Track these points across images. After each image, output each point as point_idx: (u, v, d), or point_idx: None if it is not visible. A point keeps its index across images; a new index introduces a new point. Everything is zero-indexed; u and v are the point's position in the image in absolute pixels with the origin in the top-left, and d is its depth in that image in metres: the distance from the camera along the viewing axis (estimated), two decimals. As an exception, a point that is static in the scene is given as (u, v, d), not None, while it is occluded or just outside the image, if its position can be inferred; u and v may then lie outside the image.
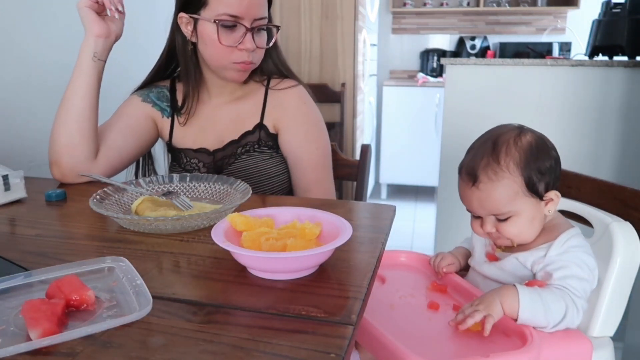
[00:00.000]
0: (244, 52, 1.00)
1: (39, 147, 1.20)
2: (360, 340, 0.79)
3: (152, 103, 1.12)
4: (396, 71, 4.30)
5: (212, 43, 1.00)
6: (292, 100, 1.11)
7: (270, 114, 1.11)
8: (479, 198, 0.84)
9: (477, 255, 0.94)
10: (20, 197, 0.92)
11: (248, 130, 1.10)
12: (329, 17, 2.64)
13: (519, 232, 0.84)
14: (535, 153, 0.83)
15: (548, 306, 0.76)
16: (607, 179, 1.01)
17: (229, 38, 0.99)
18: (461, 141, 2.16)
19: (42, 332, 0.46)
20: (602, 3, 2.20)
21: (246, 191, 0.83)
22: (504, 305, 0.76)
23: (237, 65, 1.02)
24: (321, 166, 1.11)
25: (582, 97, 2.04)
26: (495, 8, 3.91)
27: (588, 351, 0.79)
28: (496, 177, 0.82)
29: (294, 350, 0.45)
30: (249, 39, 0.99)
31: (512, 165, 0.82)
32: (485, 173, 0.82)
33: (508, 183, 0.82)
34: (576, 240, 0.83)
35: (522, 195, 0.82)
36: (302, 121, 1.11)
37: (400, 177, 3.88)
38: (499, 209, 0.83)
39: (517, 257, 0.86)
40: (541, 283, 0.80)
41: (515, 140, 0.83)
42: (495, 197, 0.82)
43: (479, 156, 0.84)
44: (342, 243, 0.59)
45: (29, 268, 0.60)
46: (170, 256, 0.67)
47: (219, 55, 1.01)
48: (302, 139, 1.10)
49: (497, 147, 0.83)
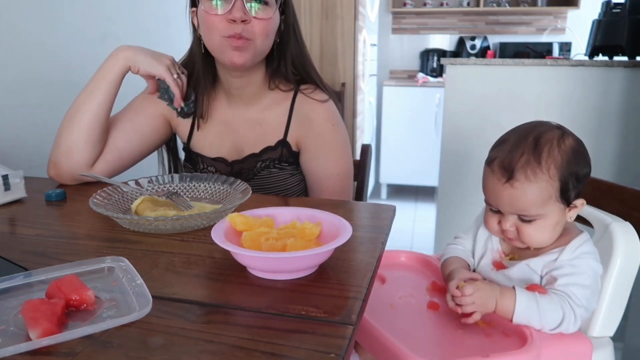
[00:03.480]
0: (235, 24, 0.92)
1: (39, 147, 1.20)
2: (360, 340, 0.79)
3: (169, 101, 1.07)
4: (396, 71, 4.30)
5: (204, 21, 0.95)
6: (319, 119, 1.05)
7: (294, 129, 1.06)
8: (511, 196, 0.79)
9: (482, 263, 0.91)
10: (20, 197, 0.92)
11: (270, 145, 1.06)
12: (329, 17, 2.64)
13: (541, 236, 0.81)
14: (577, 158, 0.80)
15: (544, 315, 0.76)
16: (607, 179, 1.01)
17: (219, 8, 0.93)
18: (461, 141, 2.18)
19: (42, 332, 0.46)
20: (602, 3, 2.20)
21: (246, 191, 0.83)
22: (497, 306, 0.76)
23: (228, 40, 0.93)
24: (339, 190, 1.06)
25: (582, 97, 2.04)
26: (495, 8, 3.91)
27: (588, 351, 0.79)
28: (535, 178, 0.77)
29: (294, 350, 0.45)
30: (238, 6, 0.91)
31: (553, 169, 0.77)
32: (524, 171, 0.77)
33: (545, 186, 0.77)
34: (587, 247, 0.81)
35: (555, 200, 0.79)
36: (327, 144, 1.05)
37: (400, 177, 3.88)
38: (528, 210, 0.79)
39: (529, 264, 0.83)
40: (542, 289, 0.79)
41: (559, 142, 0.79)
42: (529, 198, 0.78)
43: (517, 152, 0.78)
44: (342, 243, 0.59)
45: (29, 268, 0.60)
46: (170, 256, 0.67)
47: (212, 33, 0.95)
48: (323, 163, 1.05)
49: (540, 146, 0.78)
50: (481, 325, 0.79)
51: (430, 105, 3.70)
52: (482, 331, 0.78)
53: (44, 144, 1.03)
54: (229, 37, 0.93)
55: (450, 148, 2.19)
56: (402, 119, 3.78)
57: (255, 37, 0.95)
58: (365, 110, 3.22)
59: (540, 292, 0.79)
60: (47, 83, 1.45)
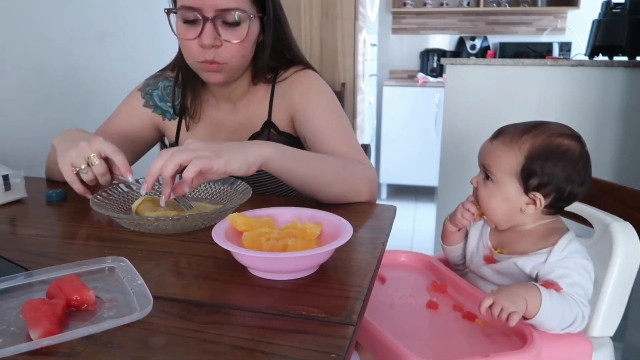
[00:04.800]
0: (207, 50, 0.88)
1: (39, 147, 1.20)
2: (361, 340, 0.79)
3: (154, 107, 1.07)
4: (396, 71, 4.30)
5: (179, 40, 0.91)
6: (299, 83, 1.01)
7: (278, 106, 1.02)
8: (486, 149, 0.89)
9: (474, 258, 0.94)
10: (21, 197, 0.92)
11: (256, 131, 1.04)
12: (329, 17, 2.64)
13: (489, 201, 0.88)
14: (557, 155, 0.82)
15: (564, 312, 0.77)
16: (607, 179, 1.01)
17: (190, 32, 0.88)
18: (461, 141, 2.18)
19: (42, 332, 0.46)
20: (602, 3, 2.20)
21: (246, 191, 0.83)
22: (527, 304, 0.75)
23: (202, 65, 0.91)
24: (347, 134, 0.98)
25: (582, 97, 2.04)
26: (495, 8, 3.91)
27: (588, 351, 0.79)
28: (508, 144, 0.85)
29: (295, 351, 0.45)
30: (207, 32, 0.86)
31: (526, 147, 0.83)
32: (505, 136, 0.87)
33: (511, 156, 0.84)
34: (574, 246, 0.83)
35: (513, 174, 0.84)
36: (315, 97, 1.00)
37: (400, 177, 3.88)
38: (490, 166, 0.87)
39: (516, 262, 0.85)
40: (557, 287, 0.79)
41: (553, 135, 0.84)
42: (494, 156, 0.87)
43: (520, 125, 0.88)
44: (343, 243, 0.59)
45: (30, 268, 0.60)
46: (170, 256, 0.67)
47: (185, 53, 0.92)
48: (319, 110, 0.99)
49: (534, 129, 0.85)
50: (481, 325, 0.79)
51: (430, 105, 3.70)
52: (482, 331, 0.78)
53: (44, 144, 1.04)
54: (202, 62, 0.90)
55: (450, 148, 2.19)
56: (402, 119, 3.78)
57: (229, 59, 0.91)
58: (365, 110, 3.22)
59: (556, 289, 0.79)
60: (47, 83, 1.46)
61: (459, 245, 0.98)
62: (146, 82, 1.10)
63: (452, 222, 0.96)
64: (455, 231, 0.96)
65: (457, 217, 0.94)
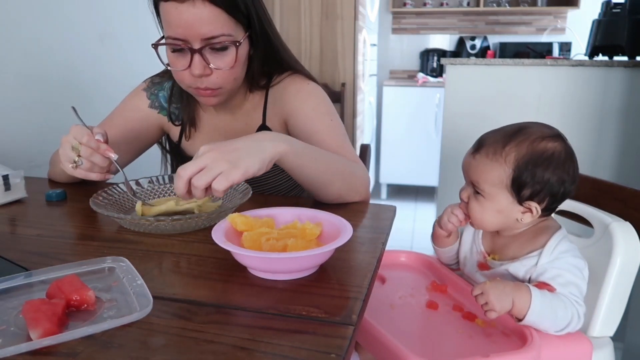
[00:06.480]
0: (198, 78, 0.89)
1: (39, 147, 1.20)
2: (361, 340, 0.79)
3: (159, 108, 1.07)
4: (396, 71, 4.30)
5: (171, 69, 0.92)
6: (291, 88, 1.02)
7: (271, 110, 1.04)
8: (470, 165, 0.86)
9: (468, 262, 0.94)
10: (21, 197, 0.92)
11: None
12: (329, 17, 2.64)
13: (482, 215, 0.85)
14: (544, 160, 0.80)
15: (556, 314, 0.76)
16: (607, 179, 1.01)
17: (179, 62, 0.89)
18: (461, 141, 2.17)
19: (42, 332, 0.46)
20: (602, 3, 2.20)
21: (246, 191, 0.83)
22: (514, 305, 0.75)
23: (196, 91, 0.92)
24: (342, 135, 0.99)
25: (582, 97, 2.04)
26: (495, 8, 3.91)
27: (588, 351, 0.79)
28: (492, 157, 0.82)
29: (295, 351, 0.45)
30: (196, 63, 0.86)
31: (512, 157, 0.81)
32: (487, 149, 0.83)
33: (498, 169, 0.82)
34: (564, 245, 0.82)
35: (504, 187, 0.82)
36: (307, 100, 1.01)
37: (400, 177, 3.88)
38: (478, 183, 0.84)
39: (508, 269, 0.85)
40: (550, 287, 0.79)
41: (537, 139, 0.81)
42: (481, 172, 0.84)
43: (499, 133, 0.85)
44: (343, 243, 0.59)
45: (30, 268, 0.60)
46: (170, 256, 0.67)
47: (177, 80, 0.93)
48: (312, 113, 0.99)
49: (515, 136, 0.82)
50: (481, 325, 0.79)
51: (430, 105, 3.70)
52: (482, 331, 0.78)
53: (44, 144, 1.04)
54: (195, 89, 0.91)
55: (450, 148, 2.19)
56: (402, 119, 3.78)
57: (222, 84, 0.91)
58: (365, 110, 3.22)
59: (550, 290, 0.79)
60: (46, 83, 1.45)
61: (450, 247, 0.97)
62: (151, 82, 1.09)
63: (439, 225, 0.94)
64: (445, 236, 0.95)
65: (443, 221, 0.92)
